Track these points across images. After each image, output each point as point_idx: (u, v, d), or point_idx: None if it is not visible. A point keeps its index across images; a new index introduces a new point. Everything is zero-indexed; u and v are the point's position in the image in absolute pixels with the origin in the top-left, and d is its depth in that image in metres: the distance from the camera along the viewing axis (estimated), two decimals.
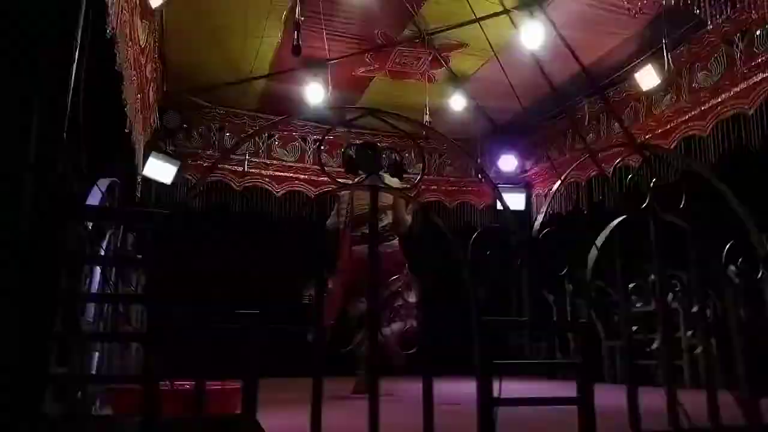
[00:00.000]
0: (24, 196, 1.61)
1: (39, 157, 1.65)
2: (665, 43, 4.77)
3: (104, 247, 2.19)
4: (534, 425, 2.19)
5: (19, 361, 1.43)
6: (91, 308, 2.23)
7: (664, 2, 3.73)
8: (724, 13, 3.99)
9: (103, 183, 2.28)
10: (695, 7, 3.66)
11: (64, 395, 1.44)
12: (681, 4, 3.64)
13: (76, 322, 1.47)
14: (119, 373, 2.61)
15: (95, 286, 2.13)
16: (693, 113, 4.79)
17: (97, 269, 2.04)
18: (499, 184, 6.23)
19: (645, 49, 4.97)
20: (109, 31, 3.04)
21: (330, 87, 5.14)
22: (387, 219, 4.28)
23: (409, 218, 4.10)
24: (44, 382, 1.47)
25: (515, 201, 6.58)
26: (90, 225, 1.90)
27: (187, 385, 1.72)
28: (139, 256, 2.50)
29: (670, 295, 4.04)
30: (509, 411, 1.94)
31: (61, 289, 1.60)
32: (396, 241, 4.18)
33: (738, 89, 4.37)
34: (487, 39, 4.14)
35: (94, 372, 2.15)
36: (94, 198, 2.15)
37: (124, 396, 1.93)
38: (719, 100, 4.53)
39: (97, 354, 2.45)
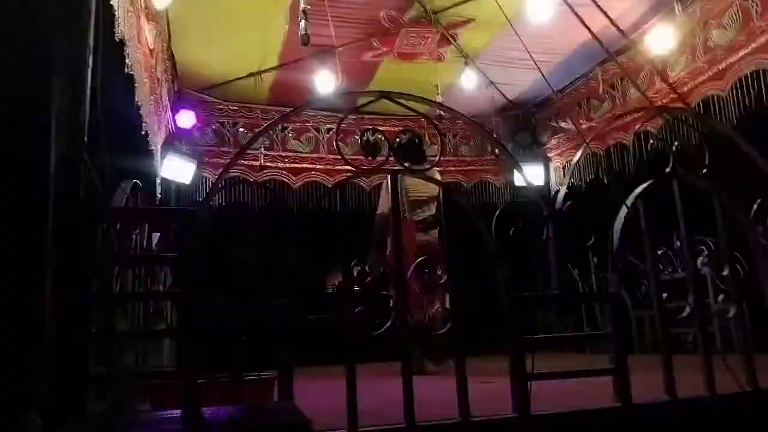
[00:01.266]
0: (50, 200, 1.64)
1: (62, 161, 1.67)
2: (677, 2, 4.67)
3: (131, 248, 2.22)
4: (569, 398, 2.18)
5: (60, 363, 1.46)
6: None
7: None
8: None
9: (126, 185, 2.31)
10: None
11: (105, 393, 1.47)
12: None
13: (112, 322, 1.50)
14: (154, 368, 2.66)
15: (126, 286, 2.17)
16: (710, 73, 4.68)
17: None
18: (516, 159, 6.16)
19: (656, 10, 4.85)
20: (119, 35, 3.06)
21: (340, 74, 5.12)
22: (433, 208, 4.41)
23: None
24: (86, 382, 1.50)
25: (534, 175, 6.51)
26: (117, 226, 1.93)
27: (224, 377, 1.74)
28: (168, 254, 2.54)
29: (699, 261, 3.98)
30: (543, 385, 1.95)
31: (92, 291, 1.63)
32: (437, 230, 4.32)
33: (755, 45, 4.25)
34: (501, 10, 4.05)
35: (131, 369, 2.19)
36: (117, 200, 2.18)
37: (162, 391, 1.96)
38: (736, 57, 4.42)
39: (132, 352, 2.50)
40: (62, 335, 1.48)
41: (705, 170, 2.50)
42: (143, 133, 4.13)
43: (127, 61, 3.38)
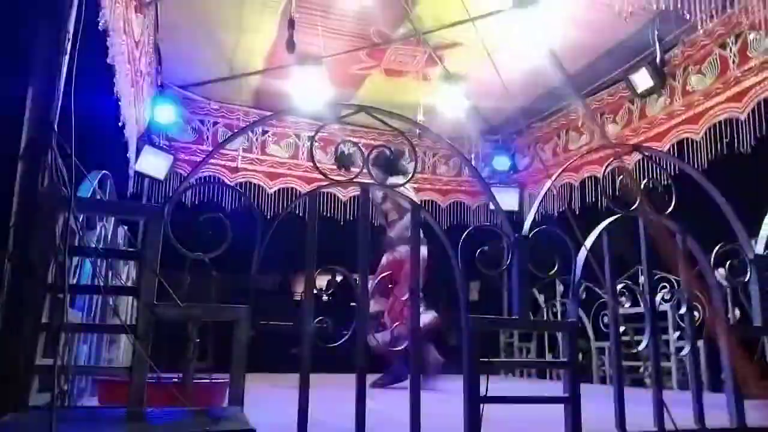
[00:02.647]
0: (15, 186, 1.61)
1: (29, 147, 1.64)
2: (658, 46, 4.80)
3: (95, 240, 2.18)
4: (521, 424, 2.20)
5: (5, 352, 1.42)
6: (79, 301, 2.22)
7: (655, 6, 3.72)
8: (715, 17, 3.97)
9: (95, 176, 2.27)
10: (686, 12, 3.66)
11: (51, 386, 1.43)
12: (671, 7, 3.64)
13: (63, 313, 1.47)
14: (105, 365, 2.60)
15: (85, 279, 2.13)
16: (686, 116, 4.81)
17: (87, 262, 2.03)
18: (492, 184, 6.24)
19: (639, 51, 4.99)
20: (102, 24, 3.03)
21: (325, 84, 5.13)
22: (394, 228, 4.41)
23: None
24: (30, 373, 1.47)
25: (508, 201, 6.57)
26: (81, 217, 1.89)
27: (175, 378, 1.71)
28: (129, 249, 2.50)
29: (659, 297, 4.06)
30: (497, 409, 1.95)
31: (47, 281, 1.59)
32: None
33: (731, 93, 4.39)
34: (483, 42, 4.12)
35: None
36: (85, 190, 2.14)
37: (111, 387, 1.92)
38: (712, 103, 4.55)
39: (85, 347, 2.45)
40: (8, 324, 1.44)
41: (671, 209, 2.56)
42: (120, 124, 4.08)
43: (109, 51, 3.34)
